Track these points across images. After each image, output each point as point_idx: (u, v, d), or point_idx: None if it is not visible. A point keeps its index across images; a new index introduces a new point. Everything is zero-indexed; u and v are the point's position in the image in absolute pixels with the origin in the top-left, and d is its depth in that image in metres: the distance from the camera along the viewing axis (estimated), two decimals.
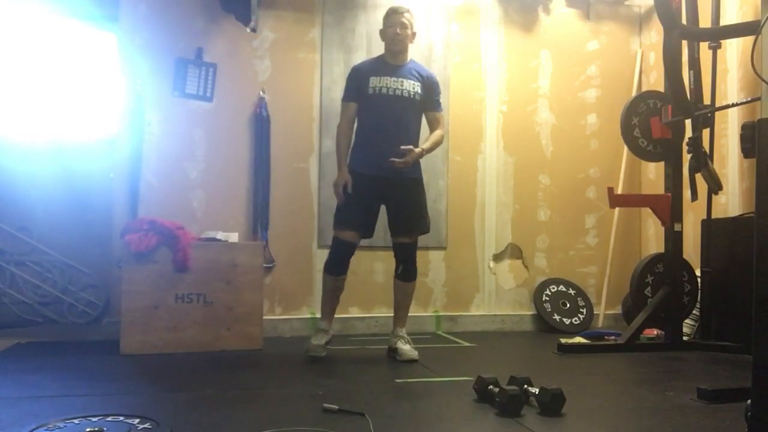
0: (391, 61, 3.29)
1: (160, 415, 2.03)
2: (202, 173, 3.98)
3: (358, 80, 3.28)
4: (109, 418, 2.00)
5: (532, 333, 4.39)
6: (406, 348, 3.23)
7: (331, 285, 3.27)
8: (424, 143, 3.28)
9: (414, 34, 3.33)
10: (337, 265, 3.25)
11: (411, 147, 3.17)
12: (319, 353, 3.14)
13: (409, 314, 4.12)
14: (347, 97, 3.32)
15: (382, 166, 3.16)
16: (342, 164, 3.26)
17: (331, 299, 3.30)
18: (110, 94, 4.13)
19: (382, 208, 3.32)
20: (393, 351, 3.27)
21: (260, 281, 3.59)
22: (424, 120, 3.38)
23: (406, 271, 3.31)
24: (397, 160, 3.12)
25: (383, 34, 3.32)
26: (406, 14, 3.27)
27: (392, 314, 3.37)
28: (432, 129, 3.36)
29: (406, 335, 3.32)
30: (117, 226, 3.72)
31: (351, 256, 3.26)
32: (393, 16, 3.27)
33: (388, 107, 3.22)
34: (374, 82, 3.23)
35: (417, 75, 3.30)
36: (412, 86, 3.25)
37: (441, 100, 3.40)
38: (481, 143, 4.48)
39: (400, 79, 3.24)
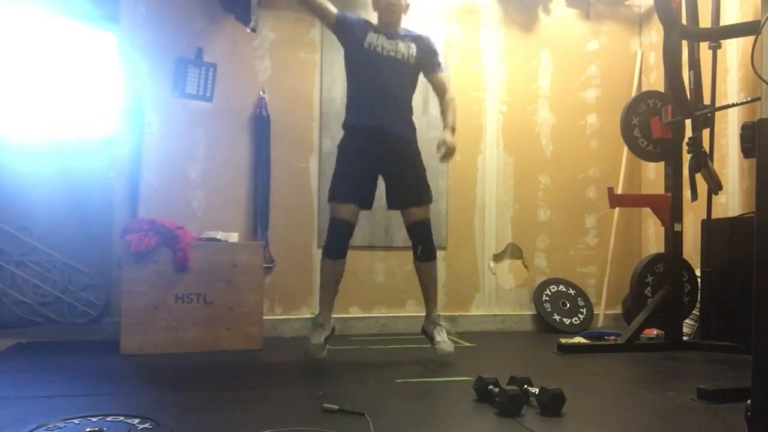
0: (385, 29, 3.19)
1: (160, 415, 2.03)
2: (202, 173, 3.98)
3: (357, 23, 3.16)
4: (109, 418, 1.99)
5: (532, 333, 4.39)
6: (442, 339, 3.11)
7: (330, 269, 3.12)
8: (448, 120, 3.18)
9: (408, 5, 3.25)
10: (336, 247, 3.11)
11: (444, 140, 3.10)
12: (318, 354, 3.01)
13: (409, 314, 4.14)
14: (355, 21, 3.17)
15: (377, 120, 3.12)
16: None
17: (329, 287, 3.15)
18: (110, 94, 4.13)
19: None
20: (430, 339, 3.16)
21: (260, 281, 3.59)
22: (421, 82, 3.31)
23: (426, 250, 3.19)
24: (441, 155, 3.10)
25: (376, 3, 3.21)
26: None
27: (392, 314, 3.34)
28: (440, 94, 3.28)
29: (442, 321, 3.22)
30: (117, 226, 3.72)
31: (350, 236, 3.14)
32: None
33: (382, 67, 3.13)
34: (371, 37, 3.13)
35: (411, 37, 3.22)
36: (406, 48, 3.18)
37: (440, 59, 3.32)
38: (481, 143, 4.48)
39: (395, 41, 3.17)
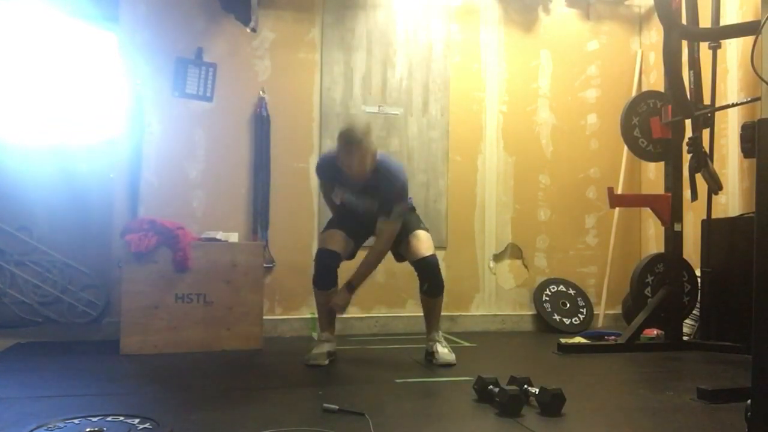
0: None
1: (160, 415, 2.03)
2: (202, 173, 3.98)
3: (328, 177, 3.20)
4: (109, 418, 2.00)
5: (532, 333, 4.39)
6: (444, 351, 3.11)
7: (322, 300, 3.16)
8: (355, 274, 3.05)
9: (373, 156, 2.94)
10: (324, 276, 3.11)
11: (334, 300, 3.07)
12: (320, 361, 3.03)
13: (409, 314, 4.14)
14: (322, 179, 3.29)
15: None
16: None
17: (325, 313, 3.19)
18: (110, 94, 4.14)
19: None
20: (430, 354, 3.16)
21: (260, 281, 3.59)
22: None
23: (434, 286, 3.14)
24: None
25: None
26: (355, 153, 2.86)
27: (392, 314, 3.35)
28: (376, 238, 3.08)
29: (442, 338, 3.22)
30: (117, 226, 3.72)
31: (337, 267, 3.13)
32: (342, 154, 2.91)
33: (356, 213, 3.17)
34: (338, 191, 3.18)
35: (374, 192, 3.04)
36: (371, 204, 3.09)
37: (397, 208, 3.00)
38: (481, 143, 4.48)
39: (361, 198, 3.12)
